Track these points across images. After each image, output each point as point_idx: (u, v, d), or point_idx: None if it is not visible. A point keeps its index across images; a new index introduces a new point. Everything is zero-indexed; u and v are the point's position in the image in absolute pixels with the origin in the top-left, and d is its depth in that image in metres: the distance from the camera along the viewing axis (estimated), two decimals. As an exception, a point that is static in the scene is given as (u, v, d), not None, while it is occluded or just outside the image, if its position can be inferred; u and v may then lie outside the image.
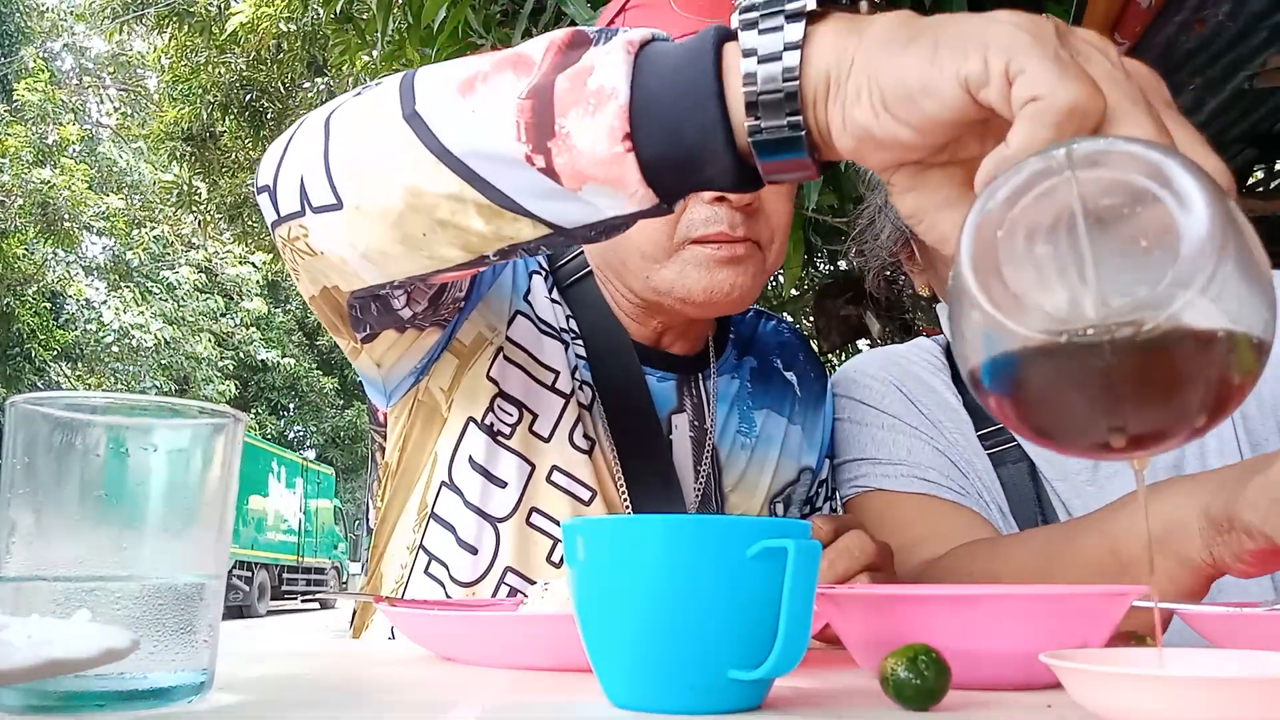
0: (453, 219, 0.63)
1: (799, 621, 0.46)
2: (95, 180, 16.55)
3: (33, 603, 0.45)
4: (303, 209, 0.73)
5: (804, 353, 1.16)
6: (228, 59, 8.15)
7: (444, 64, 0.64)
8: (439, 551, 0.94)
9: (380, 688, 0.56)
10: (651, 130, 0.54)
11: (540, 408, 0.95)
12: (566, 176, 0.57)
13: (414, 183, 0.62)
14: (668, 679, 0.48)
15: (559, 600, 0.69)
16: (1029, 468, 1.03)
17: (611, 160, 0.55)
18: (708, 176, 0.55)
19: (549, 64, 0.58)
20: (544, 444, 0.94)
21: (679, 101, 0.54)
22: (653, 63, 0.55)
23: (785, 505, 1.07)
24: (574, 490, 0.94)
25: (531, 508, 0.93)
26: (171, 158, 9.53)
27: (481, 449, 0.94)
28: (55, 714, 0.44)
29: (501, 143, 0.58)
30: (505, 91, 0.58)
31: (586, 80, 0.55)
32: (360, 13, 4.32)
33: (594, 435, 0.96)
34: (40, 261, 16.55)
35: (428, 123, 0.61)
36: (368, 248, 0.71)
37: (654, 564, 0.47)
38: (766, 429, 1.07)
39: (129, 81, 19.45)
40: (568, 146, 0.56)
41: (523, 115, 0.57)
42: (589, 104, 0.55)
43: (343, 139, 0.66)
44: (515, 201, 0.60)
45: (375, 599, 0.78)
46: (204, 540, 0.49)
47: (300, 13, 7.03)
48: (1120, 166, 0.39)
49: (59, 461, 0.47)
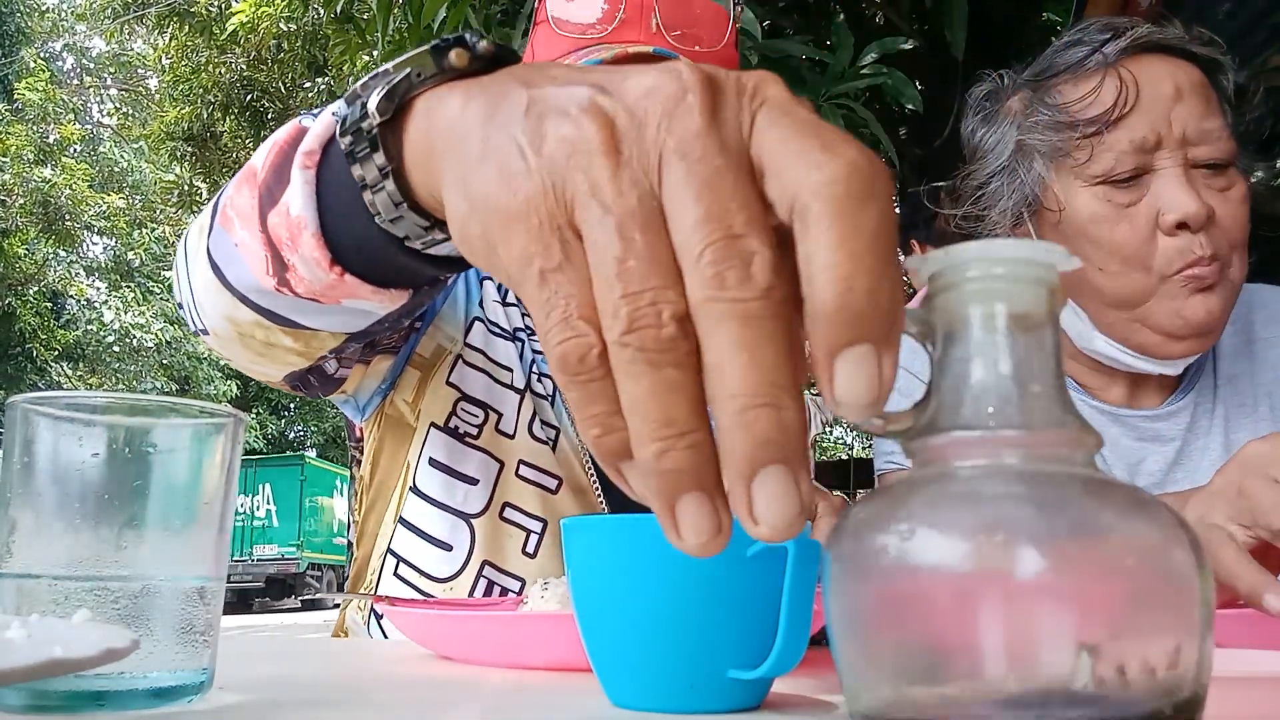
0: (270, 340, 0.64)
1: (799, 621, 0.46)
2: (96, 180, 16.56)
3: (33, 602, 0.45)
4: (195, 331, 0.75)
5: None
6: (228, 59, 8.16)
7: (228, 185, 0.62)
8: (407, 553, 0.96)
9: (381, 687, 0.56)
10: (346, 252, 0.53)
11: (504, 407, 0.97)
12: (321, 297, 0.56)
13: (228, 314, 0.63)
14: (667, 678, 0.48)
15: (559, 599, 0.69)
16: None
17: (335, 284, 0.54)
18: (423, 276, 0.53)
19: (264, 185, 0.56)
20: (510, 441, 0.96)
21: (352, 222, 0.51)
22: (330, 176, 0.52)
23: None
24: (541, 481, 0.97)
25: (504, 503, 0.96)
26: (172, 157, 9.54)
27: (443, 450, 0.96)
28: (55, 713, 0.44)
29: (260, 278, 0.58)
30: (248, 218, 0.57)
31: (288, 210, 0.54)
32: (361, 12, 4.32)
33: (558, 424, 0.99)
34: (41, 261, 16.56)
35: (216, 261, 0.61)
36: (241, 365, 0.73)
37: (654, 563, 0.47)
38: None
39: (130, 81, 19.45)
40: (300, 278, 0.55)
41: (266, 249, 0.57)
42: (293, 239, 0.54)
43: (189, 270, 0.67)
44: (300, 323, 0.60)
45: (375, 598, 0.79)
46: (204, 540, 0.49)
47: (301, 12, 7.04)
48: None
49: (59, 461, 0.47)
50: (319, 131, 0.52)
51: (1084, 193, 0.94)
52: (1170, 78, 0.93)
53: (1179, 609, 0.31)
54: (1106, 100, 0.93)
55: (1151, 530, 0.31)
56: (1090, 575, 0.30)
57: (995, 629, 0.30)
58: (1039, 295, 0.35)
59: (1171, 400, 1.03)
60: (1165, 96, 0.92)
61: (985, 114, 1.04)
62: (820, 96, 2.32)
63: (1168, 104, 0.92)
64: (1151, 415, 1.02)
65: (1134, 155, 0.92)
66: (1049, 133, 0.96)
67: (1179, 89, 0.92)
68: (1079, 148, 0.94)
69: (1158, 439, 1.01)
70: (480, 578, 0.95)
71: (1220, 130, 0.93)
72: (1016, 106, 1.01)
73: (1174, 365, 0.98)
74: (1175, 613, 0.31)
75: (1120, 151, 0.92)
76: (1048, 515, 0.32)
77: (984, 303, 0.35)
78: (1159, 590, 0.31)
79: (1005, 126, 1.01)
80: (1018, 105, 1.01)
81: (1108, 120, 0.92)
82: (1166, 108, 0.92)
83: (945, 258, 0.36)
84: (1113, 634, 0.30)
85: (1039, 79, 1.00)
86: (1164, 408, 1.02)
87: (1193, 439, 1.01)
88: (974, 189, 1.05)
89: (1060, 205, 0.96)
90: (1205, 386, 1.04)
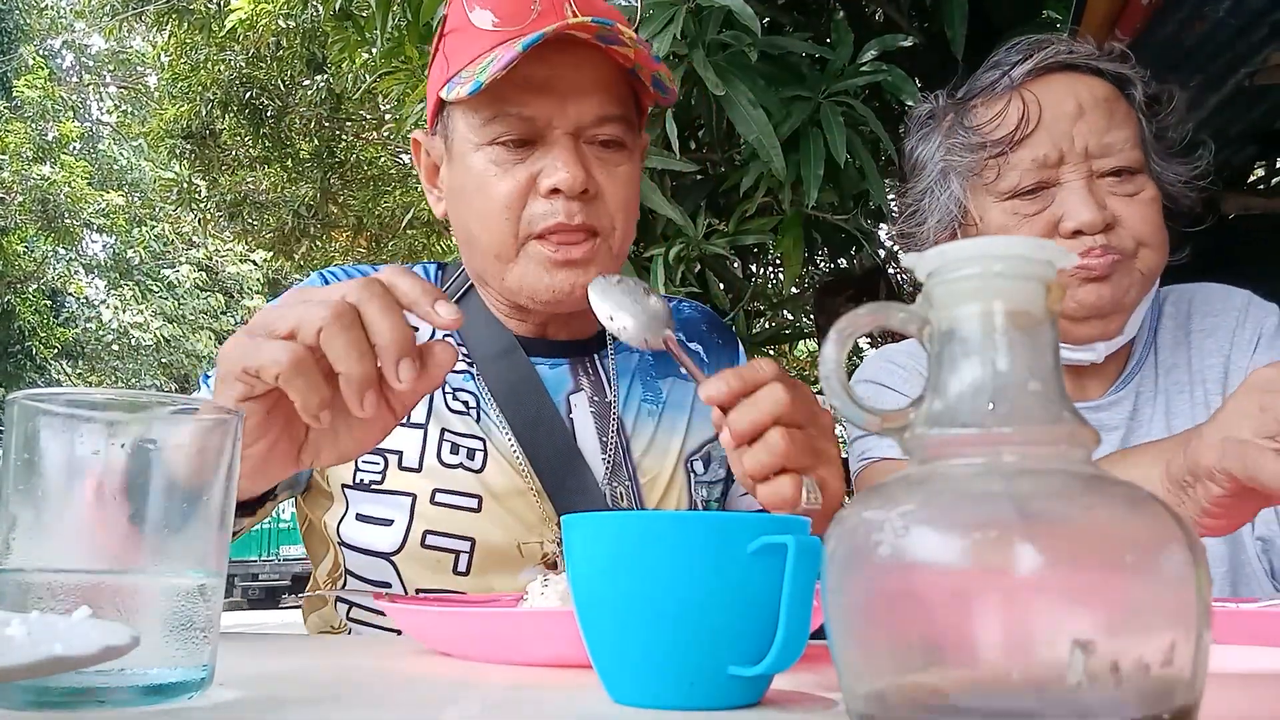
0: None
1: (799, 618, 0.46)
2: (95, 177, 16.53)
3: (33, 599, 0.45)
4: None
5: (708, 323, 1.21)
6: (227, 56, 8.14)
7: None
8: (355, 598, 1.01)
9: (381, 683, 0.56)
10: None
11: (403, 445, 1.00)
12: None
13: None
14: (668, 675, 0.48)
15: (559, 596, 0.69)
16: None
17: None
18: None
19: None
20: (417, 475, 0.99)
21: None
22: None
23: (705, 462, 1.11)
24: (459, 503, 0.99)
25: (424, 531, 0.98)
26: (171, 155, 9.52)
27: (361, 503, 1.00)
28: (56, 710, 0.44)
29: None
30: None
31: None
32: (360, 10, 4.31)
33: (484, 434, 1.01)
34: (40, 259, 16.54)
35: None
36: None
37: (654, 560, 0.47)
38: (673, 395, 1.12)
39: (129, 79, 19.42)
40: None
41: None
42: None
43: None
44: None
45: (375, 595, 0.79)
46: (204, 536, 0.49)
47: (299, 10, 7.03)
48: None
49: (59, 458, 0.47)
50: None
51: (995, 208, 1.02)
52: (1073, 96, 1.00)
53: (1175, 606, 0.31)
54: (1011, 122, 1.00)
55: (1148, 527, 0.31)
56: (1086, 572, 0.30)
57: (991, 624, 0.31)
58: (1036, 292, 0.35)
59: (1112, 391, 1.09)
60: (1067, 115, 0.99)
61: (923, 133, 1.11)
62: (820, 94, 2.31)
63: (1069, 121, 0.99)
64: (1094, 406, 1.08)
65: (1037, 171, 0.99)
66: (965, 153, 1.04)
67: (1081, 106, 0.99)
68: (988, 167, 1.02)
69: (1102, 427, 1.06)
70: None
71: (1126, 140, 0.99)
72: (944, 125, 1.08)
73: (1092, 350, 1.04)
74: (1171, 610, 0.31)
75: (1023, 169, 0.99)
76: (1044, 512, 0.32)
77: (981, 300, 0.35)
78: (1155, 587, 0.31)
79: (933, 147, 1.09)
80: (945, 124, 1.08)
81: (1012, 140, 1.00)
82: (1068, 125, 0.99)
83: (943, 256, 0.36)
84: (1107, 630, 0.30)
85: (961, 101, 1.07)
86: (1105, 398, 1.09)
87: (1136, 426, 1.08)
88: (906, 207, 1.13)
89: (976, 220, 1.04)
90: (1147, 378, 1.10)
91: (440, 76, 1.00)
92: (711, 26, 2.18)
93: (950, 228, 1.09)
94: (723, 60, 2.19)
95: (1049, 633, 0.30)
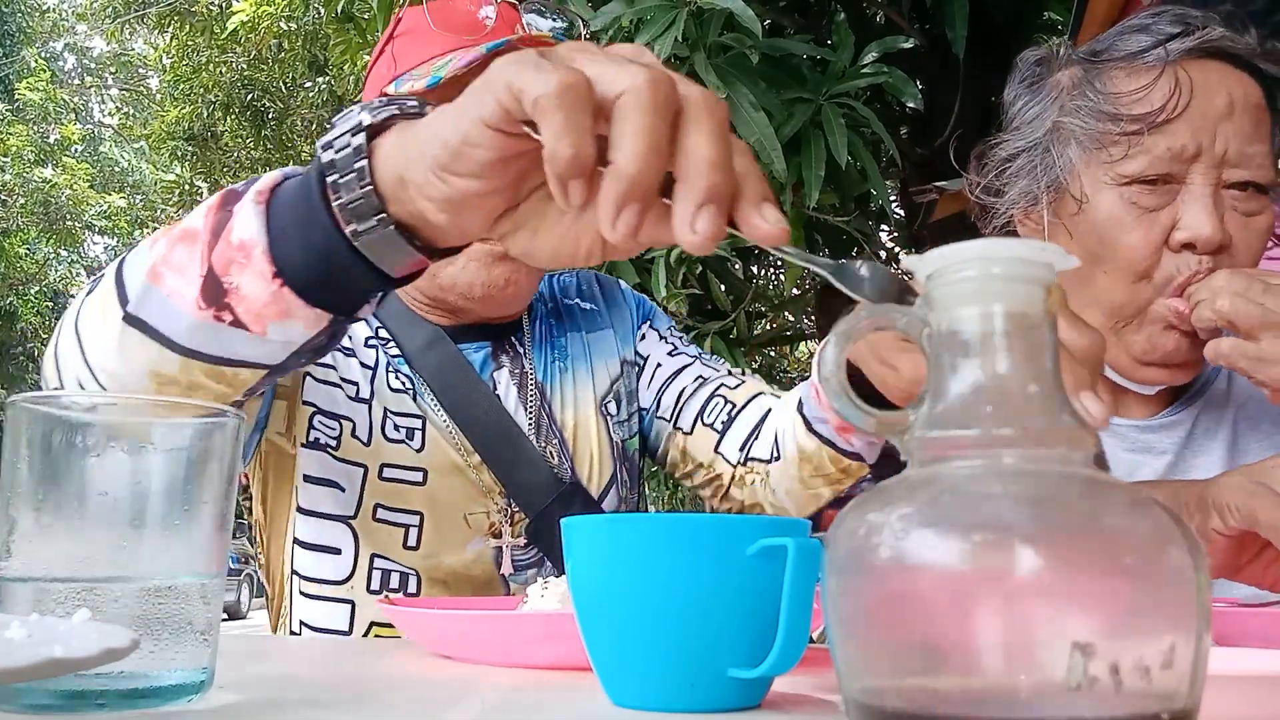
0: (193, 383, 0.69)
1: (799, 620, 0.46)
2: (97, 180, 16.56)
3: (33, 602, 0.45)
4: None
5: (596, 279, 1.26)
6: (229, 58, 8.16)
7: (143, 246, 0.70)
8: (306, 569, 1.04)
9: (380, 686, 0.56)
10: (292, 263, 0.60)
11: (355, 416, 1.04)
12: (250, 322, 0.63)
13: (152, 369, 0.68)
14: (668, 677, 0.48)
15: (559, 598, 0.69)
16: None
17: (273, 299, 0.61)
18: (359, 288, 0.62)
19: (208, 231, 0.64)
20: (366, 447, 1.03)
21: (303, 231, 0.59)
22: (280, 201, 0.62)
23: (618, 402, 1.16)
24: (405, 478, 1.03)
25: (375, 504, 1.02)
26: (173, 157, 9.54)
27: (315, 464, 1.03)
28: (55, 713, 0.44)
29: (193, 314, 0.65)
30: (186, 268, 0.65)
31: (231, 238, 0.63)
32: (361, 12, 4.32)
33: (422, 413, 1.05)
34: (42, 261, 16.57)
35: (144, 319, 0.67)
36: None
37: (654, 563, 0.47)
38: (573, 347, 1.17)
39: (131, 81, 19.45)
40: (240, 297, 0.63)
41: (201, 283, 0.64)
42: (240, 259, 0.62)
43: (91, 344, 0.72)
44: (225, 358, 0.66)
45: (379, 601, 0.79)
46: (204, 539, 0.49)
47: (301, 12, 7.04)
48: None
49: (59, 460, 0.47)
50: (269, 180, 0.63)
51: (1110, 190, 0.90)
52: (1226, 90, 0.88)
53: (1175, 609, 0.31)
54: (1156, 100, 0.88)
55: (1148, 529, 0.31)
56: (1086, 574, 0.30)
57: (991, 627, 0.31)
58: (1036, 295, 0.35)
59: (1168, 413, 0.99)
60: (1216, 110, 0.87)
61: (1031, 82, 0.98)
62: (821, 95, 2.32)
63: (1216, 118, 0.87)
64: (1143, 426, 0.98)
65: (1168, 162, 0.88)
66: (1090, 120, 0.91)
67: (1233, 104, 0.88)
68: (1116, 143, 0.89)
69: (1149, 451, 0.97)
70: (374, 570, 1.02)
71: (1265, 155, 0.88)
72: (1065, 82, 0.95)
73: (1146, 387, 0.95)
74: (1171, 612, 0.31)
75: (1155, 155, 0.88)
76: (1044, 514, 0.32)
77: (981, 302, 0.35)
78: (1155, 590, 0.31)
79: (1047, 102, 0.96)
80: (1066, 81, 0.95)
81: (1153, 121, 0.88)
82: (1214, 122, 0.87)
83: (943, 257, 0.36)
84: (1107, 632, 0.30)
85: (1094, 59, 0.94)
86: (1158, 419, 0.98)
87: (1189, 455, 0.97)
88: (1001, 160, 0.99)
89: (1084, 197, 0.91)
90: (1214, 404, 0.99)
91: (386, 74, 1.04)
92: (713, 29, 2.18)
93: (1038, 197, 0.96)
94: (724, 62, 2.20)
95: (1048, 635, 0.30)
